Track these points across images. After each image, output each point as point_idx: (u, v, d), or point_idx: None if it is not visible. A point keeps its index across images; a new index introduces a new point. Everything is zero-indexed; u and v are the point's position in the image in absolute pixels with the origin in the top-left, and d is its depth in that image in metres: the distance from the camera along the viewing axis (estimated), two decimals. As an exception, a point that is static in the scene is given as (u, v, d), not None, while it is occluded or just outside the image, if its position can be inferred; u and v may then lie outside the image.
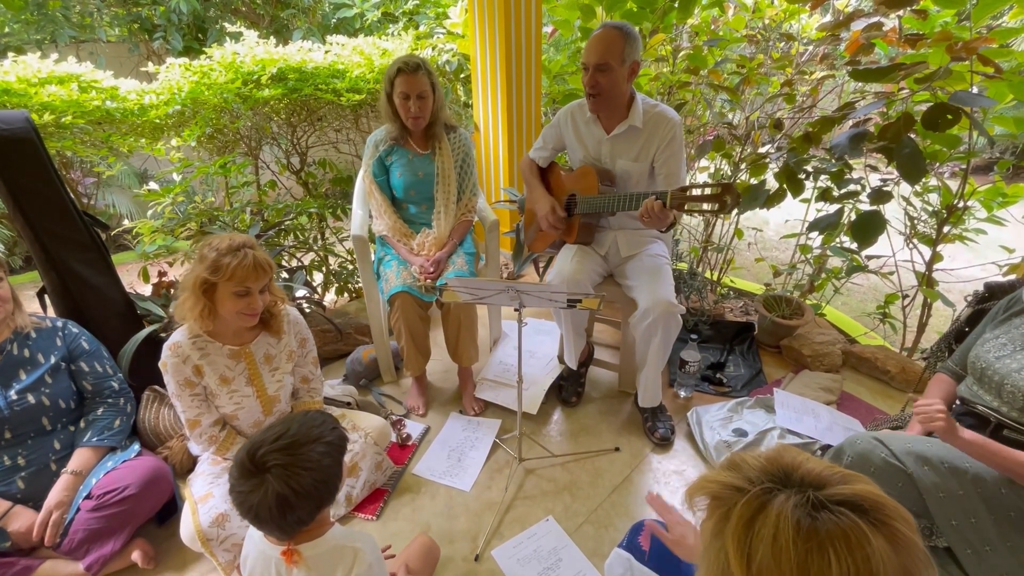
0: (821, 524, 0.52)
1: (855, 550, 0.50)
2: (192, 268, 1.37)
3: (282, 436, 0.95)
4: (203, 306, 1.37)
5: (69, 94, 2.13)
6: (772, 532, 0.53)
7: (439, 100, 1.95)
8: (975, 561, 1.13)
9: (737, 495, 0.57)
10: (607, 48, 1.67)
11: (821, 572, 0.50)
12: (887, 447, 1.26)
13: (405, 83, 1.85)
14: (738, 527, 0.55)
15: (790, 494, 0.55)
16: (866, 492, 0.54)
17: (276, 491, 0.90)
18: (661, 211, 1.55)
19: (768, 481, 0.57)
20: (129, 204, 4.04)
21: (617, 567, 1.09)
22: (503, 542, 1.59)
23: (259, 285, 1.38)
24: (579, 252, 1.94)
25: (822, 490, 0.54)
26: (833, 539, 0.51)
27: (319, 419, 1.03)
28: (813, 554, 0.51)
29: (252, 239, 1.40)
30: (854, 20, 1.94)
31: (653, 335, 1.80)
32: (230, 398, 1.51)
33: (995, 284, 1.72)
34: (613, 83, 1.71)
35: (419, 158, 2.04)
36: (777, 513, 0.53)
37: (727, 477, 0.59)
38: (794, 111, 2.56)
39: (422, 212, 2.11)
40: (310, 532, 1.00)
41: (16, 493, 1.44)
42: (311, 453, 0.95)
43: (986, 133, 1.72)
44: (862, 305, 3.20)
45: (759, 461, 0.60)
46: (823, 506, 0.53)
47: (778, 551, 0.52)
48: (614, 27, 1.69)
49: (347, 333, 2.45)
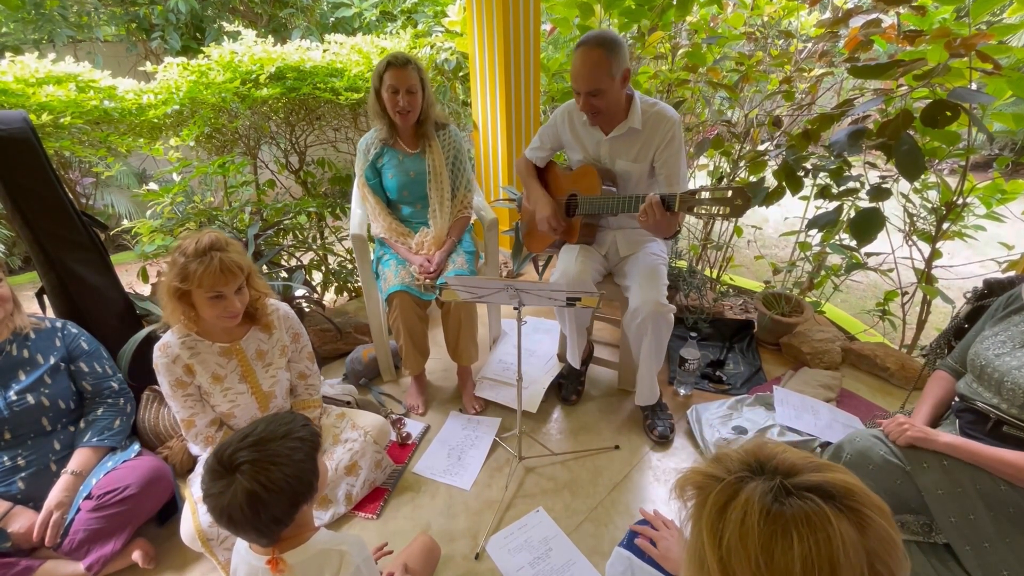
0: (787, 508, 0.54)
1: (817, 531, 0.52)
2: (166, 273, 1.35)
3: (249, 435, 0.94)
4: (183, 311, 1.36)
5: (67, 94, 2.13)
6: (741, 516, 0.55)
7: (428, 98, 1.95)
8: (974, 558, 1.13)
9: (714, 483, 0.60)
10: (593, 72, 1.62)
11: (784, 553, 0.53)
12: (886, 444, 1.27)
13: (394, 77, 1.85)
14: (712, 512, 0.58)
15: (760, 481, 0.57)
16: (836, 479, 0.56)
17: (246, 488, 0.88)
18: (663, 213, 1.53)
19: (744, 470, 0.60)
20: (128, 204, 4.03)
21: (618, 565, 1.09)
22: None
23: (232, 288, 1.35)
24: (582, 252, 1.93)
25: (792, 477, 0.57)
26: (796, 522, 0.53)
27: (288, 418, 1.01)
28: (777, 536, 0.53)
29: (221, 239, 1.35)
30: (853, 17, 1.94)
31: (644, 334, 1.80)
32: (224, 396, 1.51)
33: (994, 281, 1.71)
34: (609, 101, 1.69)
35: (409, 158, 2.03)
36: (746, 499, 0.56)
37: (708, 468, 0.62)
38: (793, 108, 2.56)
39: (417, 212, 2.11)
40: (293, 538, 0.98)
41: (16, 494, 1.44)
42: (280, 448, 0.94)
43: (985, 130, 1.72)
44: (861, 302, 3.20)
45: (739, 453, 0.63)
46: (790, 492, 0.55)
47: (744, 533, 0.54)
48: (595, 44, 1.61)
49: (346, 332, 2.45)
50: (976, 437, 1.23)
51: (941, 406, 1.41)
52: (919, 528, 1.21)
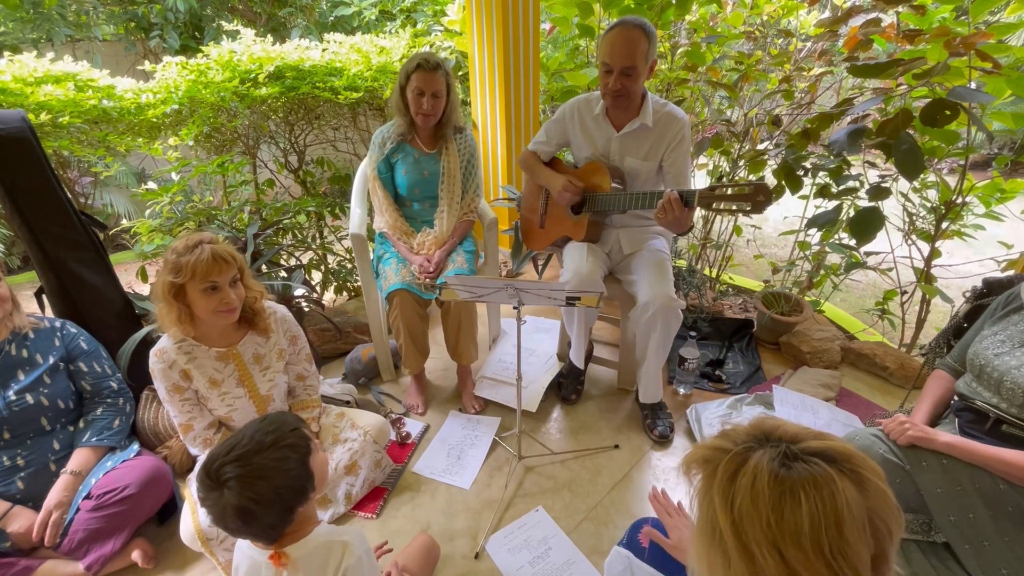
0: (794, 472, 0.58)
1: (823, 490, 0.57)
2: (159, 275, 1.35)
3: (234, 448, 0.93)
4: (178, 311, 1.35)
5: (65, 93, 2.12)
6: (751, 481, 0.59)
7: (453, 102, 1.95)
8: (973, 556, 1.14)
9: (723, 455, 0.63)
10: (633, 50, 1.61)
11: (793, 511, 0.57)
12: (885, 443, 1.27)
13: (422, 79, 1.84)
14: (723, 480, 0.62)
15: (767, 448, 0.61)
16: (837, 445, 0.61)
17: (234, 504, 0.89)
18: (681, 209, 1.53)
19: (750, 441, 0.64)
20: (127, 203, 4.02)
21: (617, 565, 1.09)
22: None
23: (226, 278, 1.35)
24: (590, 250, 1.92)
25: (796, 444, 0.61)
26: (804, 483, 0.57)
27: (277, 422, 1.00)
28: (786, 496, 0.57)
29: (210, 234, 1.37)
30: (852, 16, 1.94)
31: (653, 329, 1.80)
32: (222, 400, 1.50)
33: (993, 280, 1.71)
34: (637, 84, 1.69)
35: (425, 157, 2.03)
36: (755, 464, 0.60)
37: (716, 442, 0.66)
38: (792, 107, 2.56)
39: (425, 210, 2.11)
40: (295, 533, 0.99)
41: (15, 493, 1.44)
42: (265, 461, 0.93)
43: (984, 129, 1.72)
44: (861, 301, 3.20)
45: (744, 427, 0.67)
46: (797, 457, 0.60)
47: (755, 496, 0.58)
48: (637, 26, 1.61)
49: (346, 332, 2.45)
50: (975, 436, 1.24)
51: (940, 405, 1.41)
52: (918, 527, 1.21)
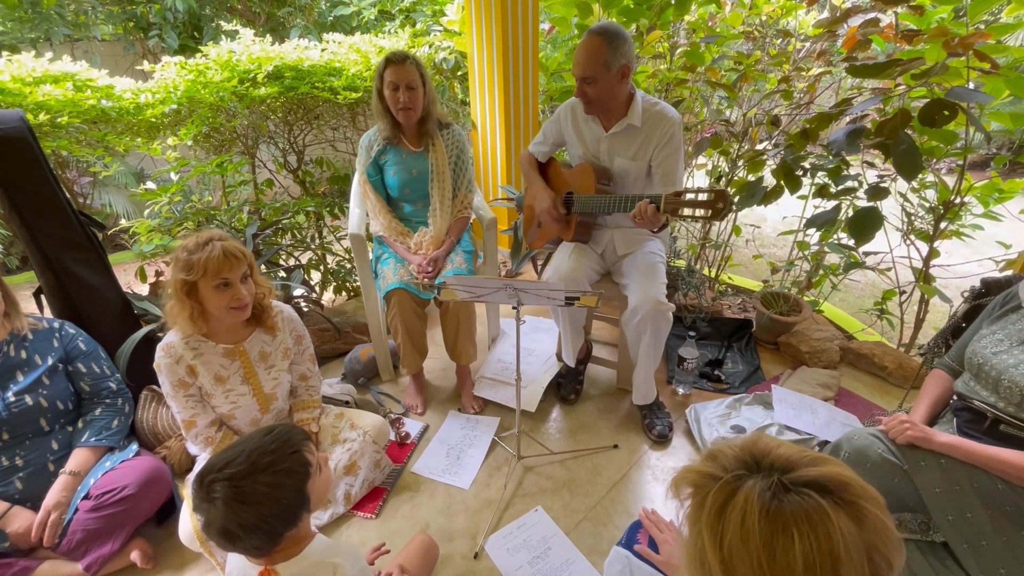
0: (786, 506, 0.54)
1: (817, 528, 0.52)
2: (170, 273, 1.36)
3: (230, 463, 0.91)
4: (191, 309, 1.36)
5: (64, 93, 2.12)
6: (740, 516, 0.55)
7: (430, 94, 1.95)
8: (971, 556, 1.14)
9: (712, 483, 0.59)
10: (588, 59, 1.65)
11: (785, 551, 0.53)
12: (884, 443, 1.27)
13: (394, 73, 1.86)
14: (711, 514, 0.58)
15: (758, 479, 0.57)
16: (832, 473, 0.56)
17: (217, 526, 0.88)
18: (654, 214, 1.54)
19: (740, 468, 0.59)
20: (126, 203, 4.02)
21: (616, 564, 1.10)
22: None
23: (237, 274, 1.36)
24: (576, 250, 1.94)
25: (789, 473, 0.57)
26: (796, 519, 0.53)
27: (276, 442, 0.95)
28: (778, 535, 0.53)
29: (220, 232, 1.38)
30: (851, 16, 1.94)
31: (643, 333, 1.80)
32: (226, 397, 1.50)
33: (992, 280, 1.72)
34: (601, 91, 1.70)
35: (412, 156, 2.03)
36: (745, 498, 0.56)
37: (704, 467, 0.62)
38: (791, 108, 2.56)
39: (418, 211, 2.11)
40: (287, 550, 0.96)
41: (14, 494, 1.44)
42: (256, 486, 0.90)
43: (983, 129, 1.72)
44: (859, 301, 3.21)
45: (733, 450, 0.62)
46: (788, 489, 0.55)
47: (746, 533, 0.54)
48: (597, 33, 1.64)
49: (345, 332, 2.45)
50: (974, 436, 1.24)
51: (939, 405, 1.41)
52: (917, 527, 1.21)
